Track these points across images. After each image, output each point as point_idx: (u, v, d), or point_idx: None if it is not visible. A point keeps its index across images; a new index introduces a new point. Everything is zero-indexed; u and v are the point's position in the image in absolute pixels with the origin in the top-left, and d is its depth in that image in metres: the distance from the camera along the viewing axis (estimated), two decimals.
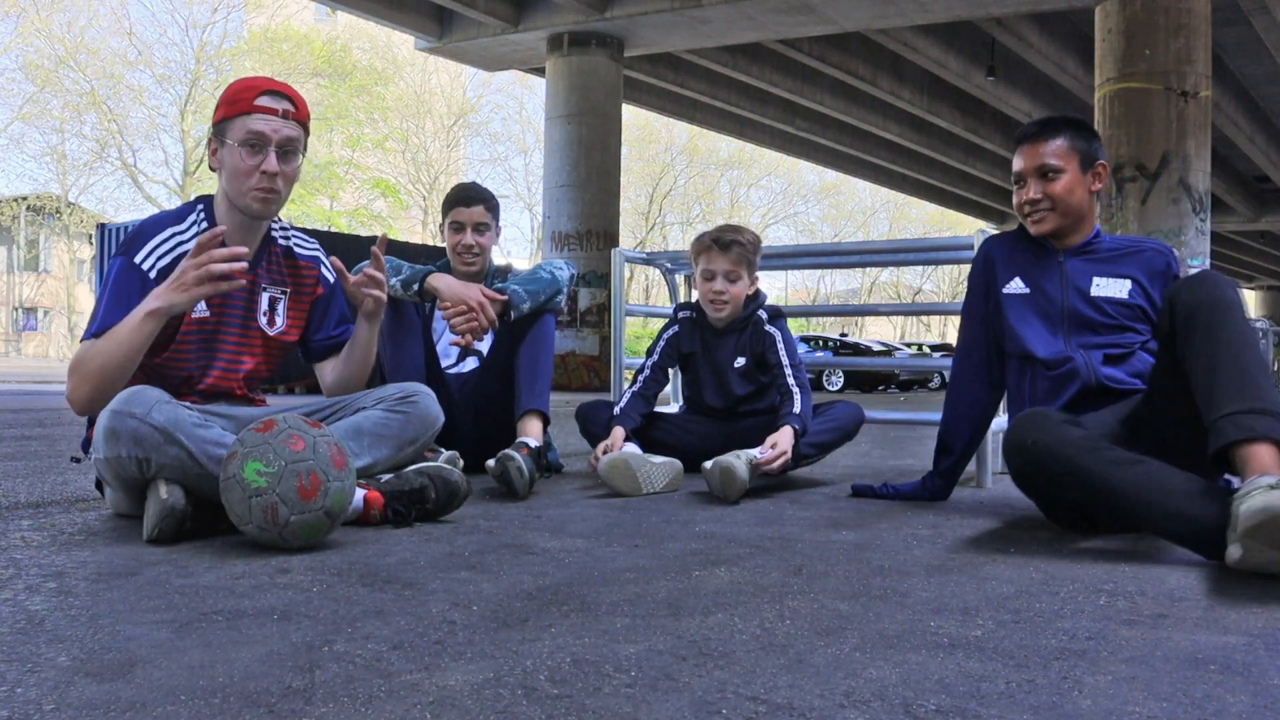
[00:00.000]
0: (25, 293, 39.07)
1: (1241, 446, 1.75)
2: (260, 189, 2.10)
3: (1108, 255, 2.40)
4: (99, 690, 1.04)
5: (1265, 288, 43.56)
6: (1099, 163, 2.38)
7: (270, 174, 2.09)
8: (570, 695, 1.05)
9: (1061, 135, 2.36)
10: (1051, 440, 1.92)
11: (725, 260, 2.97)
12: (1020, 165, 2.40)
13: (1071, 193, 2.35)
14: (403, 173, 35.68)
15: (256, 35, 32.78)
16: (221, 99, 2.14)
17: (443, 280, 2.82)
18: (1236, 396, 1.80)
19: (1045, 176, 2.35)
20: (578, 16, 13.49)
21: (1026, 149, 2.39)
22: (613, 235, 14.32)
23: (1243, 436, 1.75)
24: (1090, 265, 2.39)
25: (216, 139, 2.13)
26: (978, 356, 2.54)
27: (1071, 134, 2.37)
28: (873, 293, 45.56)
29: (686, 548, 1.91)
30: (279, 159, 2.10)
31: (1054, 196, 2.34)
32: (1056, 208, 2.35)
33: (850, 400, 3.17)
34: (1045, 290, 2.40)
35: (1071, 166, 2.35)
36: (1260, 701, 1.05)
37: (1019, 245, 2.49)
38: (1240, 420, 1.77)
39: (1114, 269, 2.37)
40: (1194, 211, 10.53)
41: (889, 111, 19.53)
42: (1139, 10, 10.53)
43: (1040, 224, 2.38)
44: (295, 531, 1.78)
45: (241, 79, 2.17)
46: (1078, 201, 2.36)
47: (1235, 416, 1.78)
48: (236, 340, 2.22)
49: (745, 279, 3.00)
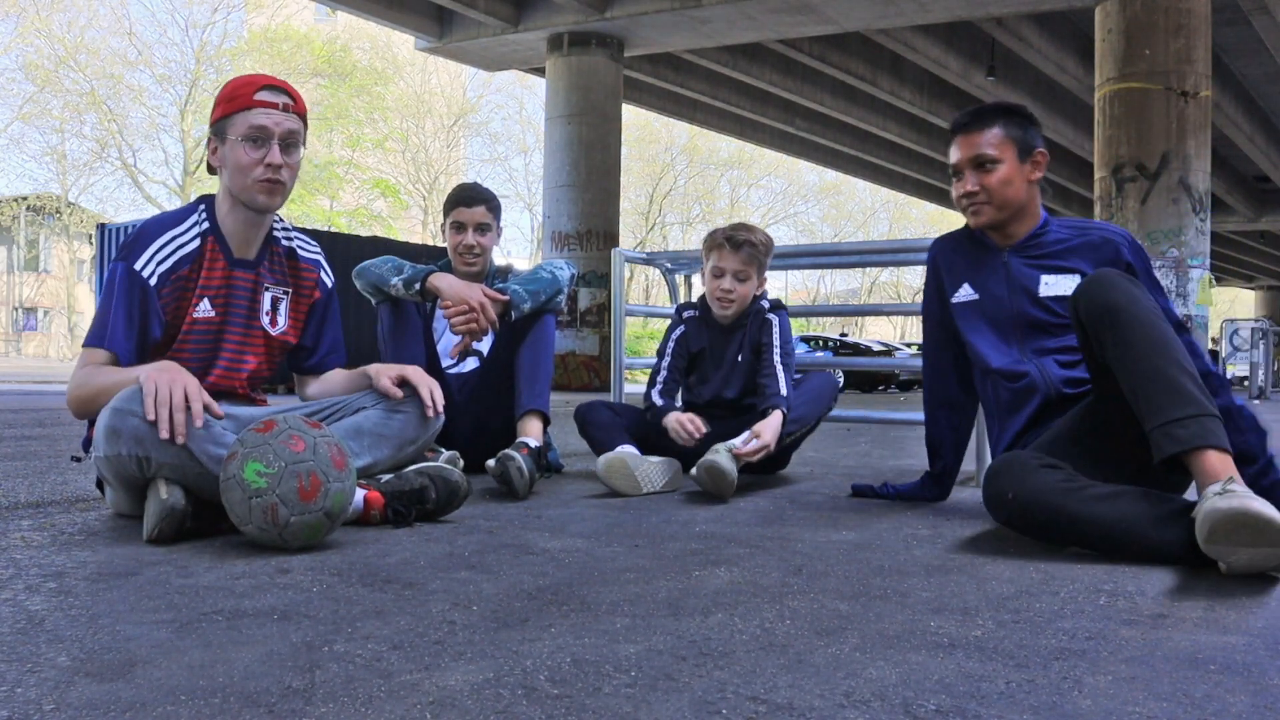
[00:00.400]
0: (25, 293, 39.06)
1: (1185, 455, 1.75)
2: (265, 180, 2.11)
3: (1055, 248, 2.30)
4: (99, 690, 1.04)
5: (1265, 288, 43.54)
6: (1037, 150, 2.29)
7: (275, 165, 2.10)
8: (570, 695, 1.05)
9: (996, 124, 2.28)
10: (1029, 491, 1.88)
11: (736, 259, 2.97)
12: (955, 156, 2.33)
13: (1008, 184, 2.27)
14: (403, 173, 35.70)
15: (256, 35, 32.79)
16: (219, 98, 2.14)
17: (444, 280, 2.82)
18: (1164, 406, 1.79)
19: (981, 168, 2.28)
20: (578, 16, 13.49)
21: (961, 139, 2.31)
22: (613, 235, 14.32)
23: (1176, 450, 1.75)
24: (1037, 262, 2.30)
25: (216, 137, 2.14)
26: (944, 362, 2.52)
27: (1006, 122, 2.29)
28: (873, 293, 45.57)
29: (686, 548, 1.91)
30: (282, 151, 2.11)
31: (989, 189, 2.27)
32: (993, 200, 2.28)
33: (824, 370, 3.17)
34: (993, 294, 2.34)
35: (1008, 156, 2.27)
36: (1260, 701, 1.05)
37: (964, 246, 2.44)
38: (1171, 432, 1.76)
39: (1062, 263, 2.28)
40: (1194, 211, 10.53)
41: (889, 111, 19.54)
42: (1139, 10, 10.53)
43: (977, 216, 2.31)
44: (295, 532, 1.78)
45: (237, 77, 2.18)
46: (1015, 193, 2.28)
47: (1166, 428, 1.77)
48: (239, 340, 2.22)
49: (754, 280, 3.01)
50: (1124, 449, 1.97)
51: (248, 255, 2.21)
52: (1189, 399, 1.78)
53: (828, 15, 12.94)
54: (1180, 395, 1.79)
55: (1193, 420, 1.76)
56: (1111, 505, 1.81)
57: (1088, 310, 1.96)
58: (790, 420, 2.86)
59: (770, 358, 2.95)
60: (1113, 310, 1.91)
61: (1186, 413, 1.77)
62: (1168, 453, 1.76)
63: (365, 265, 3.00)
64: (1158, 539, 1.76)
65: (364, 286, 2.99)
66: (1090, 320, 1.96)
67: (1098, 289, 1.95)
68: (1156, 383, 1.82)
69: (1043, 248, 2.32)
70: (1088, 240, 2.28)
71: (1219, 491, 1.64)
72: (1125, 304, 1.90)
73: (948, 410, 2.54)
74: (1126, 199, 10.62)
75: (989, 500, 1.97)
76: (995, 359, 2.31)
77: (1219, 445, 1.75)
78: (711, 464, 2.56)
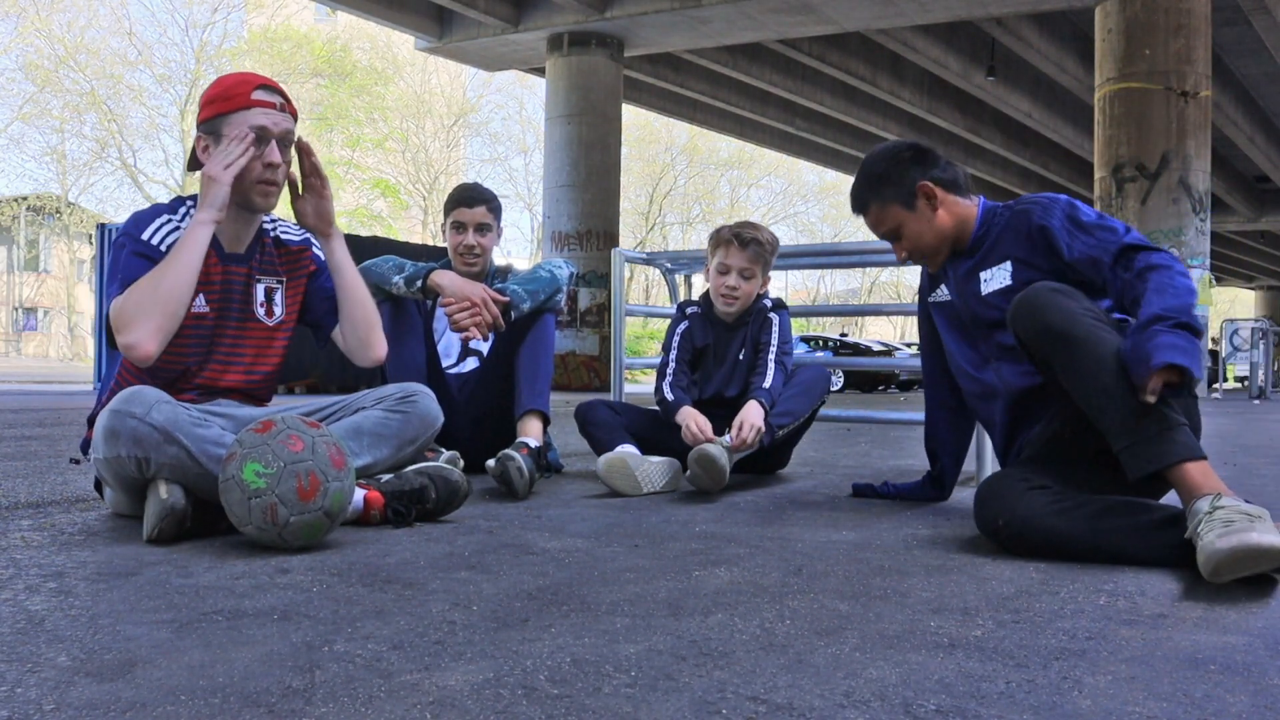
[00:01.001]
0: (25, 293, 39.08)
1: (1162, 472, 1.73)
2: (264, 181, 2.12)
3: (989, 243, 2.23)
4: (99, 690, 1.04)
5: (1265, 288, 43.55)
6: (918, 187, 2.21)
7: (275, 165, 2.11)
8: (570, 695, 1.05)
9: (871, 204, 2.27)
10: (1019, 517, 1.84)
11: (743, 257, 2.99)
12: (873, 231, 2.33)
13: (921, 236, 2.25)
14: (403, 173, 35.71)
15: (256, 35, 32.81)
16: (211, 96, 2.12)
17: (445, 277, 2.82)
18: (1121, 429, 1.76)
19: (894, 237, 2.28)
20: (578, 16, 13.49)
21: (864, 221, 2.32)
22: (613, 235, 14.33)
23: (1149, 470, 1.73)
24: (973, 260, 2.25)
25: (209, 136, 2.12)
26: (935, 358, 2.51)
27: (873, 194, 2.25)
28: (873, 293, 45.57)
29: (686, 548, 1.91)
30: (280, 150, 2.12)
31: (911, 251, 2.28)
32: (924, 252, 2.28)
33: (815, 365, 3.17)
34: (954, 296, 2.32)
35: (901, 217, 2.24)
36: (1260, 701, 1.05)
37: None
38: (1136, 453, 1.74)
39: (996, 254, 2.21)
40: (1194, 211, 10.53)
41: (889, 111, 19.54)
42: (1139, 10, 10.54)
43: (931, 264, 2.34)
44: (295, 532, 1.78)
45: (227, 75, 2.17)
46: (934, 234, 2.24)
47: (1133, 449, 1.74)
48: (234, 334, 2.21)
49: (759, 278, 3.03)
50: (1109, 458, 1.95)
51: (238, 250, 2.21)
52: (1145, 414, 1.73)
53: (828, 15, 12.95)
54: (1135, 413, 1.74)
55: (1158, 436, 1.72)
56: (1101, 521, 1.79)
57: (1026, 335, 1.93)
58: (780, 413, 2.87)
59: (765, 356, 2.96)
60: (1050, 334, 1.86)
61: (1149, 431, 1.73)
62: (1141, 473, 1.74)
63: (367, 264, 3.00)
64: (1150, 550, 1.75)
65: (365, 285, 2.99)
66: (1031, 344, 1.93)
67: (1030, 312, 1.90)
68: (1112, 403, 1.77)
69: (978, 247, 2.25)
70: (1012, 222, 2.20)
71: (1209, 514, 1.60)
72: (1061, 326, 1.85)
73: (946, 411, 2.53)
74: (1126, 199, 10.63)
75: (980, 526, 1.94)
76: (960, 361, 2.31)
77: (1192, 456, 1.72)
78: (702, 452, 2.59)
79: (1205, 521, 1.61)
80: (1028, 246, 2.14)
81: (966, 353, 2.29)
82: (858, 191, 2.30)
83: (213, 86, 2.15)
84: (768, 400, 2.83)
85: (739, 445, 2.69)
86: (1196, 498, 1.68)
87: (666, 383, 3.02)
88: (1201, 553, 1.58)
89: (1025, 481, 1.90)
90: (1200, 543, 1.60)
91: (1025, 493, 1.87)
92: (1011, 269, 2.16)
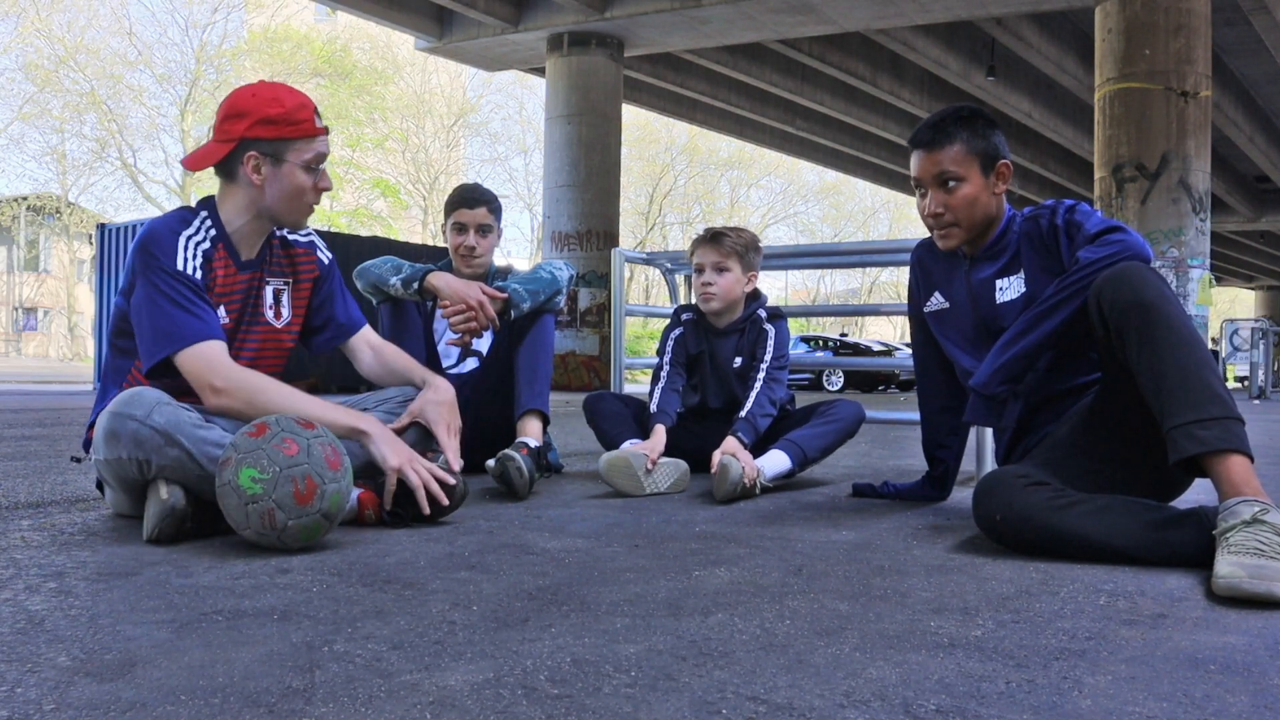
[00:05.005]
0: (25, 293, 39.07)
1: (1205, 458, 1.69)
2: (313, 204, 2.18)
3: (1010, 252, 2.21)
4: (99, 690, 1.04)
5: (1265, 288, 43.54)
6: (1001, 163, 2.17)
7: (328, 190, 2.19)
8: (570, 695, 1.05)
9: (957, 140, 2.14)
10: (1017, 512, 1.84)
11: (715, 253, 2.99)
12: (916, 171, 2.20)
13: (974, 203, 2.15)
14: (403, 173, 35.71)
15: (256, 35, 32.82)
16: (268, 115, 2.05)
17: (443, 279, 2.82)
18: (1186, 406, 1.72)
19: (944, 186, 2.16)
20: (578, 16, 13.49)
21: (923, 156, 2.18)
22: (613, 235, 14.32)
23: (1197, 451, 1.69)
24: (994, 266, 2.22)
25: (268, 157, 2.07)
26: (931, 361, 2.50)
27: (968, 135, 2.15)
28: (873, 293, 45.57)
29: (686, 548, 1.91)
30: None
31: (954, 208, 2.16)
32: (960, 221, 2.17)
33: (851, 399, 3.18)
34: (959, 303, 2.30)
35: (972, 173, 2.14)
36: (1260, 701, 1.05)
37: (937, 251, 2.36)
38: (1192, 432, 1.70)
39: (1014, 264, 2.19)
40: (1194, 211, 10.53)
41: (889, 111, 19.53)
42: (1139, 10, 10.53)
43: (947, 239, 2.21)
44: (293, 535, 1.78)
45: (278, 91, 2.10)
46: (982, 211, 2.17)
47: (1187, 428, 1.70)
48: (245, 337, 2.22)
49: (736, 271, 3.00)
50: (1122, 456, 1.94)
51: (251, 256, 2.21)
52: (1215, 400, 1.71)
53: (828, 15, 12.94)
54: (1207, 395, 1.72)
55: (1216, 422, 1.69)
56: (1100, 519, 1.78)
57: (1112, 306, 1.87)
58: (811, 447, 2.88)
59: (754, 375, 2.95)
60: (1142, 307, 1.82)
61: (1211, 414, 1.70)
62: (1188, 453, 1.69)
63: (365, 265, 3.00)
64: (1150, 549, 1.74)
65: (364, 286, 3.00)
66: (1114, 316, 1.86)
67: (1126, 285, 1.86)
68: (1183, 380, 1.74)
69: (1000, 253, 2.23)
70: (1027, 229, 2.19)
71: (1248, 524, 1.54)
72: (1155, 301, 1.82)
73: (943, 413, 2.52)
74: (1126, 199, 10.62)
75: (979, 522, 1.93)
76: (967, 368, 2.27)
77: (1243, 450, 1.68)
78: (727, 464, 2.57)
79: (1240, 530, 1.56)
80: (1039, 255, 2.15)
81: (973, 360, 2.26)
82: (950, 125, 2.16)
83: (267, 104, 2.06)
84: (747, 437, 2.77)
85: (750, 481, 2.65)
86: (1237, 496, 1.63)
87: (658, 388, 3.02)
88: (1223, 567, 1.52)
89: (1025, 478, 1.90)
90: (1225, 554, 1.54)
91: (1024, 489, 1.87)
92: (1025, 279, 2.17)
